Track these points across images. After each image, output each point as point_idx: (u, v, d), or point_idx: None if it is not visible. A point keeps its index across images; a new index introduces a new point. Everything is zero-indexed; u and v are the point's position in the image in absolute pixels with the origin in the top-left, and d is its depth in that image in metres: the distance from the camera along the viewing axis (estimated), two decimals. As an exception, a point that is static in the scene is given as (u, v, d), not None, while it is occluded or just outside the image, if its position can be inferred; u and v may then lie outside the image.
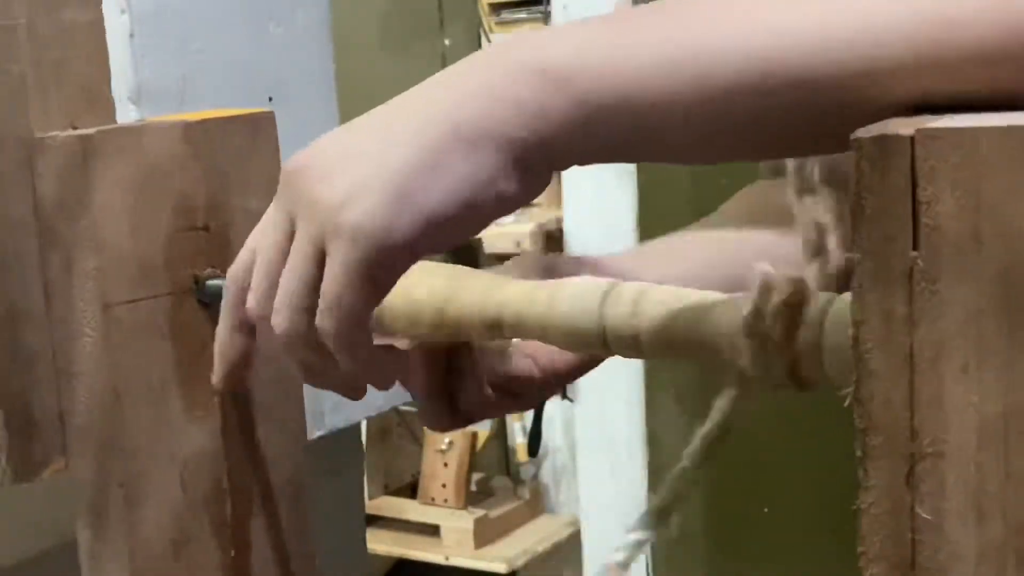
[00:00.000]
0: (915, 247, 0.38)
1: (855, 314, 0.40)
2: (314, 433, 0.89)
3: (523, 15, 2.67)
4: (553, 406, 2.86)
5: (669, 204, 2.32)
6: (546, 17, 2.49)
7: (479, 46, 2.94)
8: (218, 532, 0.67)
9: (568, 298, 0.55)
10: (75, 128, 0.63)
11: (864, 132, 0.38)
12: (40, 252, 0.63)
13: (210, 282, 0.65)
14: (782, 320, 0.48)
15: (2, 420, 0.63)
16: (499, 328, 0.57)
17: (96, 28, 0.63)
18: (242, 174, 0.66)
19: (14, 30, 0.61)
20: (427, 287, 0.58)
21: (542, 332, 0.56)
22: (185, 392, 0.65)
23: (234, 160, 0.66)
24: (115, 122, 0.66)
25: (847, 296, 0.43)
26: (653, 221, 2.34)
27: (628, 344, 0.53)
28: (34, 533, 0.82)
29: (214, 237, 0.65)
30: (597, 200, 2.42)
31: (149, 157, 0.62)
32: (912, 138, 0.37)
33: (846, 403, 0.42)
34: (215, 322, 0.65)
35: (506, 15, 2.70)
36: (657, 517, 0.60)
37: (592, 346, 0.54)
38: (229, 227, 0.66)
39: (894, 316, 0.39)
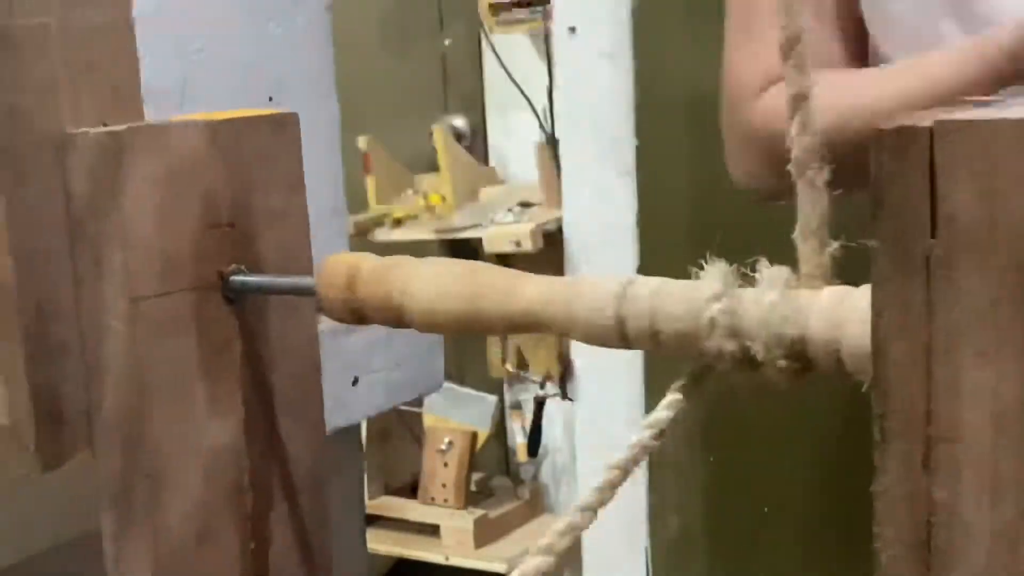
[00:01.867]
0: (933, 236, 0.39)
1: (874, 302, 0.41)
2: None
3: (523, 15, 2.68)
4: (553, 406, 2.87)
5: (669, 204, 2.32)
6: (546, 17, 2.50)
7: (479, 46, 2.94)
8: (239, 524, 0.68)
9: (587, 294, 0.56)
10: (105, 125, 0.64)
11: (884, 124, 0.39)
12: (70, 248, 0.64)
13: (234, 278, 0.66)
14: (798, 310, 0.49)
15: (32, 411, 0.64)
16: (521, 324, 0.58)
17: (125, 27, 0.64)
18: (265, 173, 0.67)
19: (47, 28, 0.62)
20: (448, 281, 0.59)
21: (562, 328, 0.57)
22: (209, 387, 0.66)
23: (258, 159, 0.66)
24: (143, 120, 0.67)
25: (866, 288, 0.44)
26: (653, 221, 2.34)
27: (647, 339, 0.54)
28: (35, 531, 0.83)
29: (238, 234, 0.66)
30: (597, 200, 2.42)
31: (176, 155, 0.63)
32: (931, 129, 0.38)
33: (864, 389, 0.43)
34: (239, 317, 0.66)
35: (506, 15, 2.70)
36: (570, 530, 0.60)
37: (612, 341, 0.55)
38: (253, 225, 0.67)
39: (912, 304, 0.40)
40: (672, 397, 0.53)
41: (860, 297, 0.47)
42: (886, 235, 0.40)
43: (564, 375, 2.68)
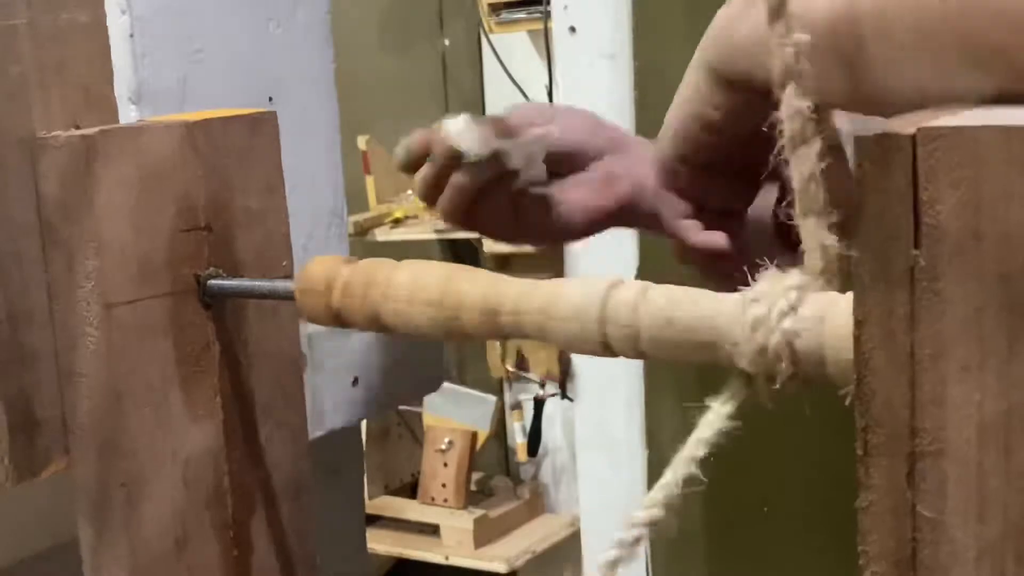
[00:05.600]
0: (916, 246, 0.38)
1: (856, 313, 0.40)
2: (314, 433, 0.89)
3: (523, 15, 2.67)
4: (553, 406, 2.87)
5: (669, 204, 2.31)
6: (546, 17, 2.49)
7: (479, 46, 2.94)
8: (219, 532, 0.67)
9: (567, 299, 0.54)
10: (77, 128, 0.63)
11: (865, 131, 0.38)
12: (42, 252, 0.63)
13: (211, 282, 0.65)
14: (783, 320, 0.48)
15: (5, 420, 0.63)
16: (498, 329, 0.57)
17: (98, 28, 0.63)
18: (243, 174, 0.66)
19: (15, 30, 0.61)
20: (425, 286, 0.58)
21: (541, 333, 0.55)
22: (187, 392, 0.65)
23: (235, 160, 0.66)
24: (117, 122, 0.66)
25: (848, 295, 0.43)
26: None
27: (630, 346, 0.53)
28: (34, 533, 0.82)
29: (216, 237, 0.65)
30: (597, 200, 2.41)
31: (151, 157, 0.62)
32: (913, 137, 0.37)
33: (847, 402, 0.42)
34: (216, 322, 0.65)
35: (506, 15, 2.70)
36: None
37: (593, 348, 0.54)
38: (230, 227, 0.66)
39: (895, 315, 0.39)
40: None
41: (846, 304, 0.46)
42: (868, 245, 0.39)
43: (564, 375, 2.68)
